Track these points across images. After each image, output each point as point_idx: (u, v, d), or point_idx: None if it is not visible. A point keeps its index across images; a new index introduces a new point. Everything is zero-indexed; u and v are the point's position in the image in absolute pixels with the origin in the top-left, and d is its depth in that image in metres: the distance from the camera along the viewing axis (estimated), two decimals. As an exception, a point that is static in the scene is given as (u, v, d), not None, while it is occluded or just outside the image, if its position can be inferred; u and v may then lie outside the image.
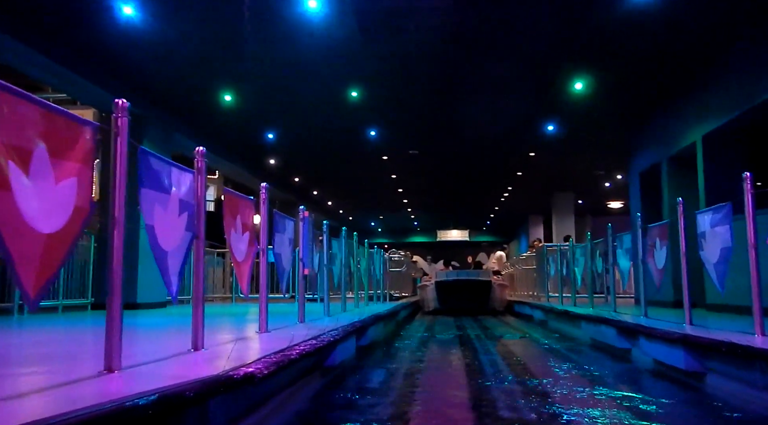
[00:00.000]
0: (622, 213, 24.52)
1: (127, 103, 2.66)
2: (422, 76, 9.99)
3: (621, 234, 7.67)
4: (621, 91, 10.25)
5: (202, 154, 3.56)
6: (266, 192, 4.82)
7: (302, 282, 5.97)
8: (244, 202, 4.39)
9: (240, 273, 4.19)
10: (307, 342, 3.74)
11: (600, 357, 5.92)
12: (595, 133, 12.82)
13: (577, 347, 6.88)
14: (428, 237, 38.37)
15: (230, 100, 10.69)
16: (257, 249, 4.53)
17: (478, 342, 7.47)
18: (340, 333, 4.42)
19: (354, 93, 10.18)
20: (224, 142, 13.79)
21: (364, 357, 5.60)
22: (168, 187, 3.10)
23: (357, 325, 5.20)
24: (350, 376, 4.43)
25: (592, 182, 19.23)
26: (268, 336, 4.30)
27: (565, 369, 4.94)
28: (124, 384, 2.22)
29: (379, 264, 11.87)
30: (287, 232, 5.57)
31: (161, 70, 9.44)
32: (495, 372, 4.69)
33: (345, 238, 8.13)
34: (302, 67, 9.32)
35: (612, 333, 6.26)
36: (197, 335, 3.40)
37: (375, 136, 13.17)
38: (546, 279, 12.69)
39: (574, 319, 8.23)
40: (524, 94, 10.78)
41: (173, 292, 3.12)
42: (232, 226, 4.09)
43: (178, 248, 3.20)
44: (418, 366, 5.10)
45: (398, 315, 10.49)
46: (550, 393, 3.74)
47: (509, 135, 13.50)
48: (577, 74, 9.57)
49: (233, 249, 4.08)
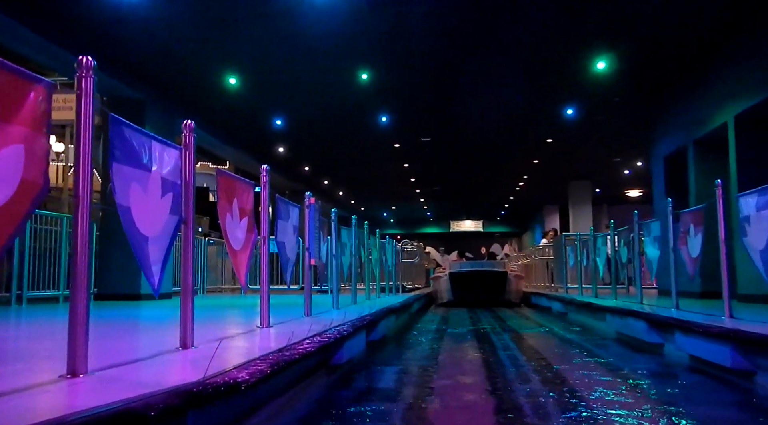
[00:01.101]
0: (640, 202, 23.90)
1: (92, 60, 2.28)
2: (435, 59, 9.52)
3: (648, 221, 7.20)
4: (643, 69, 9.69)
5: (191, 128, 3.17)
6: (267, 174, 4.43)
7: (309, 273, 5.58)
8: (242, 185, 3.99)
9: (237, 263, 3.79)
10: (310, 340, 3.35)
11: (630, 354, 5.48)
12: (615, 116, 12.26)
13: (603, 341, 6.44)
14: (441, 228, 37.90)
15: (235, 84, 10.28)
16: (257, 238, 4.14)
17: (495, 336, 7.06)
18: (347, 328, 4.03)
19: (364, 75, 9.74)
20: (231, 129, 13.39)
21: (374, 354, 5.21)
22: (148, 163, 2.71)
23: (367, 319, 4.81)
24: (358, 376, 4.03)
25: (610, 170, 18.64)
26: (268, 332, 3.93)
27: (595, 367, 4.52)
28: (78, 395, 1.84)
29: (391, 255, 11.48)
30: (291, 219, 5.18)
31: (162, 53, 9.05)
32: (518, 373, 4.27)
33: (355, 227, 7.74)
34: (310, 48, 8.89)
35: (641, 326, 5.82)
36: (186, 331, 3.03)
37: (386, 122, 12.72)
38: (564, 269, 12.24)
39: (597, 311, 7.79)
40: (541, 77, 10.27)
41: (154, 284, 2.74)
42: (227, 211, 3.70)
43: (161, 234, 2.82)
44: (433, 366, 4.70)
45: (411, 307, 10.11)
46: (585, 399, 3.32)
47: (526, 120, 13.00)
48: (596, 53, 9.04)
49: (229, 236, 3.69)
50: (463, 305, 13.32)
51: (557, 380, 3.91)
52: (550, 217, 27.57)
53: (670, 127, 10.68)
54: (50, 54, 8.13)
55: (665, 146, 10.85)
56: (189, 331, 3.04)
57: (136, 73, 9.54)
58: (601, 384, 3.72)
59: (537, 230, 31.30)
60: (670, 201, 6.46)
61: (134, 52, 8.89)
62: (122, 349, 3.21)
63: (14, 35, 7.48)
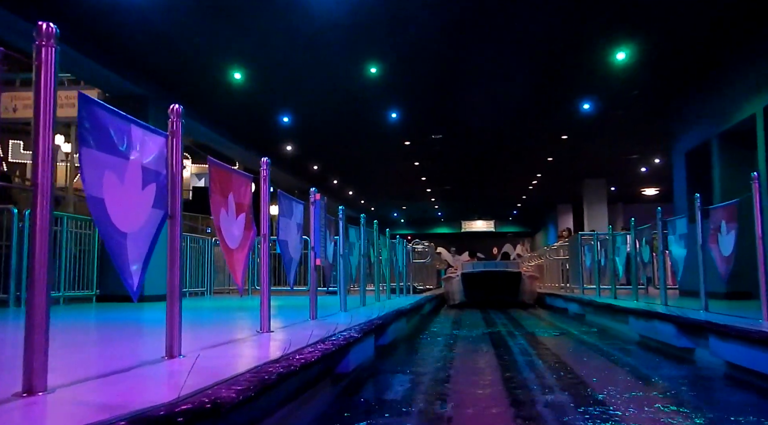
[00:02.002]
0: (656, 201, 23.38)
1: (54, 27, 1.97)
2: (445, 52, 9.17)
3: (674, 218, 6.81)
4: (664, 60, 9.25)
5: (178, 113, 2.86)
6: (267, 168, 4.11)
7: (314, 274, 5.26)
8: (239, 178, 3.68)
9: (233, 264, 3.48)
10: (312, 348, 3.03)
11: (660, 361, 5.10)
12: (634, 109, 11.79)
13: (627, 346, 6.07)
14: (452, 228, 37.47)
15: (242, 79, 9.99)
16: (255, 236, 3.82)
17: (511, 339, 6.70)
18: (353, 334, 3.70)
19: (373, 69, 9.40)
20: (239, 127, 13.09)
21: (384, 360, 4.88)
22: (126, 150, 2.40)
23: (375, 323, 4.47)
24: (366, 387, 3.70)
25: (626, 167, 18.15)
26: (268, 338, 3.61)
27: (625, 376, 4.17)
28: (22, 420, 1.52)
29: (402, 255, 11.14)
30: (295, 217, 4.86)
31: (166, 47, 8.77)
32: (540, 383, 3.92)
33: (364, 226, 7.41)
34: (317, 42, 8.57)
35: (669, 330, 5.44)
36: (172, 339, 2.72)
37: (396, 118, 12.38)
38: (580, 269, 11.84)
39: (618, 313, 7.40)
40: (557, 70, 9.88)
41: (133, 286, 2.43)
42: (222, 206, 3.38)
43: (142, 230, 2.50)
44: (447, 374, 4.36)
45: (422, 309, 9.76)
46: (623, 419, 2.97)
47: (540, 116, 12.60)
48: (614, 44, 8.63)
49: (224, 234, 3.38)
50: (476, 306, 12.96)
51: (585, 391, 3.56)
52: (563, 217, 27.08)
53: (692, 121, 10.24)
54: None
55: (687, 141, 10.41)
56: (176, 339, 2.73)
57: (139, 68, 9.28)
58: (636, 401, 3.37)
59: (550, 230, 30.82)
60: (698, 196, 6.07)
61: (137, 46, 8.62)
62: (102, 359, 2.91)
63: (9, 28, 7.24)
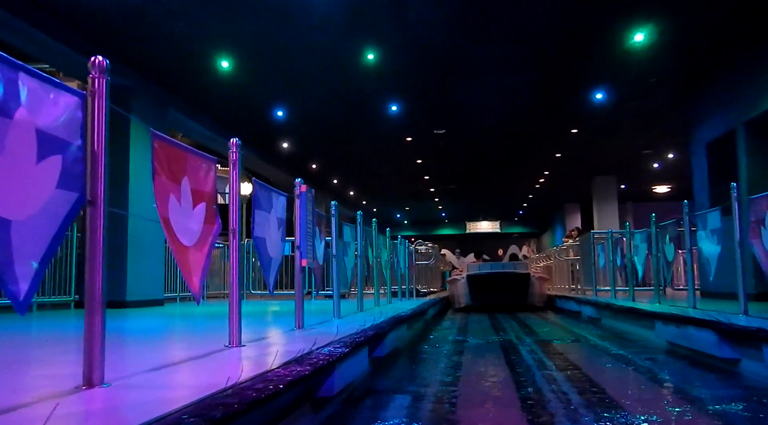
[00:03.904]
0: (667, 199, 22.66)
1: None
2: (448, 39, 8.51)
3: (705, 211, 6.13)
4: (684, 44, 8.56)
5: (102, 68, 2.23)
6: (237, 150, 3.46)
7: (299, 276, 4.61)
8: (198, 160, 3.02)
9: (187, 264, 2.81)
10: (284, 369, 2.37)
11: (702, 375, 4.40)
12: (650, 99, 11.06)
13: (657, 356, 5.37)
14: (457, 230, 36.75)
15: (234, 71, 9.34)
16: (219, 231, 3.16)
17: (524, 348, 6.02)
18: (339, 348, 3.04)
19: (370, 55, 8.73)
20: (230, 122, 12.43)
21: (379, 376, 4.20)
22: (3, 104, 1.74)
23: (368, 334, 3.80)
24: (353, 415, 3.01)
25: (638, 163, 17.42)
26: (234, 355, 2.95)
27: (665, 396, 3.48)
28: None
29: (404, 256, 10.47)
30: (276, 211, 4.20)
31: (151, 34, 8.15)
32: (565, 407, 3.24)
33: (361, 224, 6.75)
34: (313, 27, 7.94)
35: (708, 337, 4.75)
36: (92, 363, 2.09)
37: (397, 112, 11.72)
38: (593, 270, 11.16)
39: (642, 318, 6.71)
40: (567, 58, 9.22)
41: (17, 293, 1.76)
42: (171, 193, 2.72)
43: (37, 217, 1.85)
44: (453, 392, 3.68)
45: (425, 313, 9.09)
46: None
47: (549, 109, 11.94)
48: (632, 24, 7.96)
49: (174, 227, 2.72)
50: (483, 310, 12.27)
51: (618, 413, 2.88)
52: (571, 216, 26.36)
53: (714, 109, 9.54)
54: (29, 38, 7.29)
55: (708, 131, 9.72)
56: (96, 362, 2.09)
57: (122, 56, 8.66)
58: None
59: (557, 230, 30.09)
60: (735, 186, 5.38)
61: (118, 32, 7.99)
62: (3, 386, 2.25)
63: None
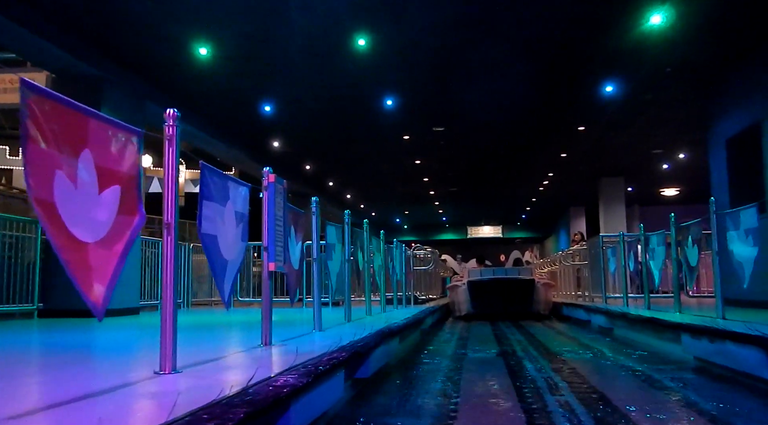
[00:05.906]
0: (676, 203, 21.89)
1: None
2: (447, 30, 7.82)
3: (738, 209, 5.40)
4: (709, 24, 7.77)
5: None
6: (175, 123, 2.72)
7: (267, 282, 3.88)
8: (110, 129, 2.29)
9: (84, 264, 2.08)
10: (208, 413, 1.64)
11: (747, 400, 3.66)
12: (665, 91, 10.29)
13: (684, 375, 4.62)
14: (458, 235, 35.98)
15: (219, 59, 8.63)
16: (141, 224, 2.43)
17: (532, 364, 5.28)
18: (294, 380, 2.31)
19: (361, 41, 8.02)
20: (216, 118, 11.68)
21: (358, 404, 3.46)
22: None
23: (341, 357, 3.05)
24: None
25: (647, 164, 16.66)
26: (161, 385, 2.23)
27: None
28: None
29: (400, 261, 9.74)
30: (235, 203, 3.46)
31: (122, 20, 7.46)
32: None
33: (348, 224, 6.02)
34: (302, 11, 7.26)
35: (751, 355, 4.01)
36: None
37: (393, 107, 10.99)
38: (602, 276, 10.43)
39: (664, 330, 5.96)
40: (574, 46, 8.50)
41: None
42: (59, 167, 2.00)
43: None
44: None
45: (422, 323, 8.34)
46: None
47: (554, 105, 11.22)
48: (644, 6, 7.24)
49: (62, 215, 1.99)
50: (485, 318, 11.53)
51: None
52: (575, 220, 25.61)
53: (737, 101, 8.81)
54: None
55: (729, 126, 9.00)
56: None
57: (93, 43, 7.96)
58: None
59: (561, 235, 29.34)
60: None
61: (87, 16, 7.29)
62: None
63: None
